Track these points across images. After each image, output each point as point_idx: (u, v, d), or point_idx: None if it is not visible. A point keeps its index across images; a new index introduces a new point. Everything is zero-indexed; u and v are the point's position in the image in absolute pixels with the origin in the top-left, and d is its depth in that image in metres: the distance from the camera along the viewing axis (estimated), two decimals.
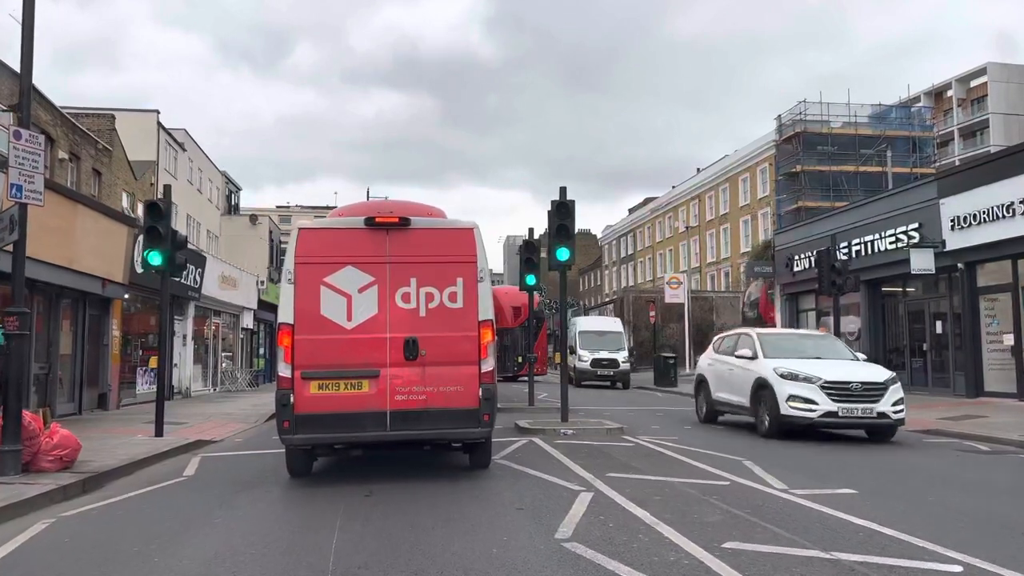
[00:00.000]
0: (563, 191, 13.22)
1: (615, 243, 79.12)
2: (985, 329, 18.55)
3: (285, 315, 7.79)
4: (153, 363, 20.20)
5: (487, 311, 8.06)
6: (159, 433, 11.82)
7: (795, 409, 11.51)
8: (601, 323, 34.54)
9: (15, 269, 8.36)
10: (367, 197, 39.08)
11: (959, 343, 19.34)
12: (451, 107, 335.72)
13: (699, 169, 61.59)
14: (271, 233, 44.68)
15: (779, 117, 46.90)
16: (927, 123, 52.08)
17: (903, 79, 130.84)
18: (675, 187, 64.96)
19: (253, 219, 44.08)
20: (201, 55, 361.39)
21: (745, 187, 51.83)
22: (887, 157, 41.16)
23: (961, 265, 18.62)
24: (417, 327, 7.86)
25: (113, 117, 25.95)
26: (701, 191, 58.56)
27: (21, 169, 8.11)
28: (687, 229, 60.10)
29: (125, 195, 25.95)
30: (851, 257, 21.78)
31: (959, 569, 4.78)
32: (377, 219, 8.14)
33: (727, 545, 5.26)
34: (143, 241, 12.54)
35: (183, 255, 15.03)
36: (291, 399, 7.60)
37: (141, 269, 16.13)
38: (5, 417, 7.99)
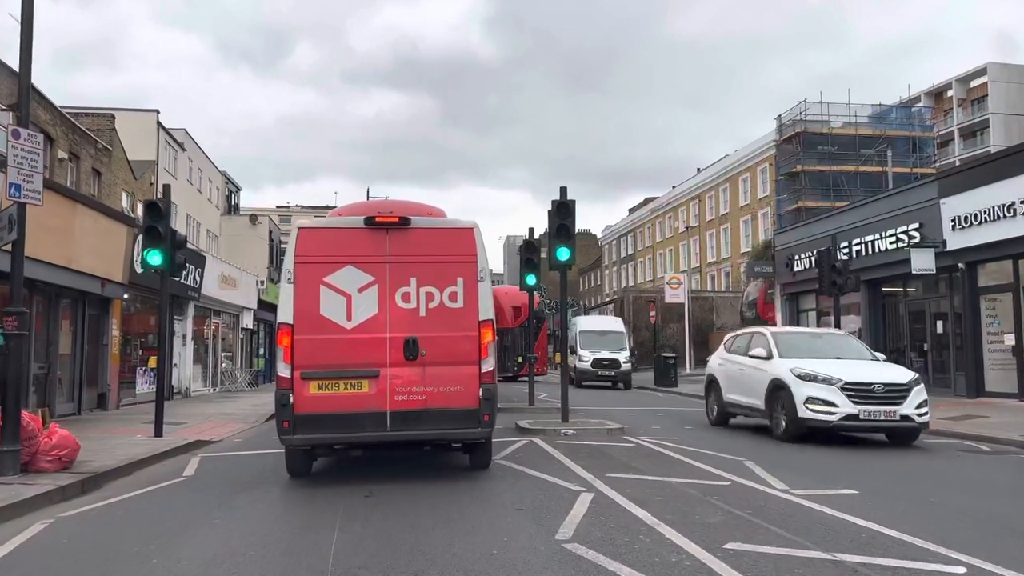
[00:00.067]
0: (563, 191, 13.19)
1: (615, 243, 79.10)
2: (986, 329, 18.53)
3: (284, 315, 7.77)
4: (152, 363, 20.18)
5: (487, 311, 8.04)
6: (158, 433, 11.80)
7: (814, 412, 11.05)
8: (602, 322, 34.20)
9: (14, 269, 8.34)
10: (367, 197, 39.02)
11: (960, 343, 19.31)
12: (451, 107, 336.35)
13: (699, 169, 61.58)
14: (271, 233, 44.66)
15: (779, 117, 46.87)
16: (927, 123, 52.04)
17: (903, 79, 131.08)
18: (675, 187, 64.95)
19: (253, 219, 44.04)
20: (201, 55, 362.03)
21: (745, 187, 51.81)
22: (887, 157, 41.12)
23: (962, 265, 18.60)
24: (417, 327, 7.83)
25: (113, 117, 25.92)
26: (701, 191, 58.54)
27: (20, 168, 8.09)
28: (687, 229, 60.08)
29: (125, 195, 25.93)
30: (851, 257, 21.77)
31: (963, 571, 4.76)
32: (377, 218, 8.11)
33: (729, 546, 5.24)
34: (142, 241, 12.52)
35: (182, 255, 15.02)
36: (290, 399, 7.57)
37: (140, 269, 16.13)
38: (4, 417, 7.96)
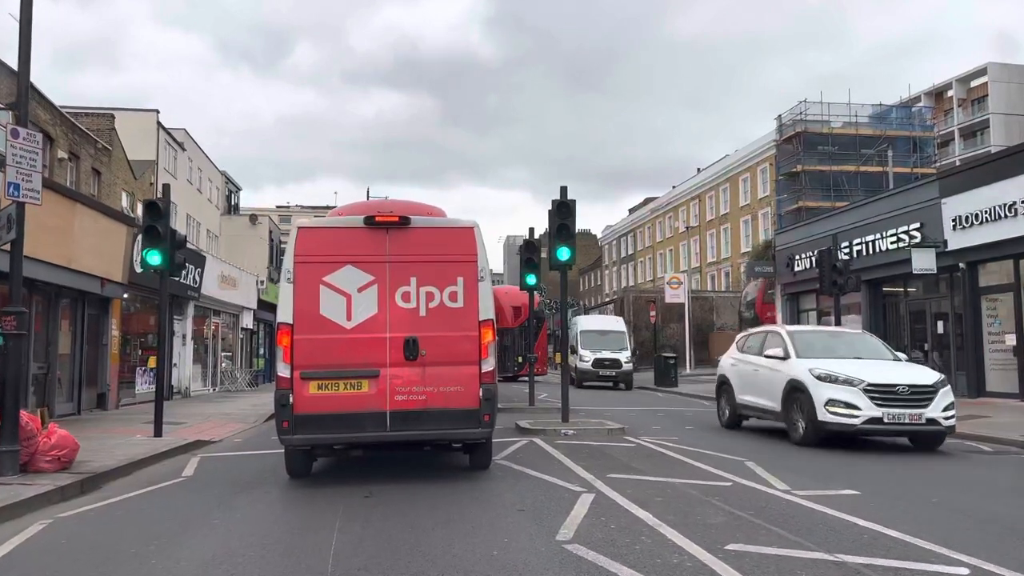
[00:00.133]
0: (564, 191, 13.16)
1: (615, 243, 79.09)
2: (987, 329, 18.51)
3: (284, 315, 7.74)
4: (152, 363, 20.14)
5: (488, 311, 8.01)
6: (158, 433, 11.78)
7: (835, 415, 10.52)
8: (603, 322, 33.99)
9: (13, 268, 8.33)
10: (367, 197, 39.00)
11: (960, 343, 19.29)
12: (451, 107, 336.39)
13: (699, 169, 61.59)
14: (271, 233, 44.63)
15: (779, 117, 46.86)
16: (927, 123, 52.02)
17: (903, 79, 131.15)
18: (675, 187, 64.95)
19: (253, 219, 44.02)
20: (201, 55, 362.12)
21: (745, 187, 51.80)
22: (888, 157, 41.12)
23: (963, 265, 18.58)
24: (417, 327, 7.81)
25: (113, 117, 25.91)
26: (701, 191, 58.53)
27: (19, 167, 8.07)
28: (687, 229, 60.07)
29: (124, 194, 25.92)
30: (852, 257, 21.76)
31: (965, 571, 4.73)
32: (377, 218, 8.09)
33: (730, 547, 5.21)
34: (142, 240, 12.50)
35: (182, 255, 14.99)
36: (290, 399, 7.55)
37: (140, 268, 16.11)
38: (3, 417, 7.94)
